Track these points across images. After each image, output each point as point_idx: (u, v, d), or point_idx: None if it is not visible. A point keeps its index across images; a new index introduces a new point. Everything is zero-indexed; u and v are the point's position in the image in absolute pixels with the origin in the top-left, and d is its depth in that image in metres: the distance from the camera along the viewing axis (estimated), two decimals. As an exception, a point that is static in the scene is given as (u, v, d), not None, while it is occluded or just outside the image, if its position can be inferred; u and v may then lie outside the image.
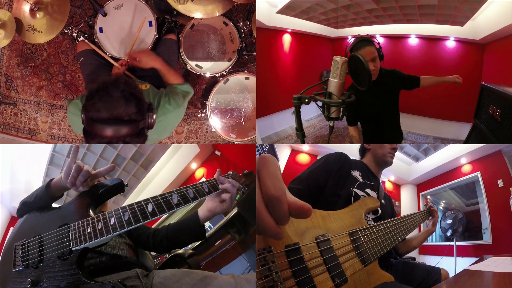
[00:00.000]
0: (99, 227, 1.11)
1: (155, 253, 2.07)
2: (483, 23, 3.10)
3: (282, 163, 3.84)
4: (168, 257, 1.92)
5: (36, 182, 4.46)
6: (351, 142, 2.23)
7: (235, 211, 2.70)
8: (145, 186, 5.34)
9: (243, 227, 2.60)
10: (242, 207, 2.52)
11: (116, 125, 1.40)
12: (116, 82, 1.45)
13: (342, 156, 1.63)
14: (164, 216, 1.85)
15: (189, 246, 2.87)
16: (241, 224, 2.61)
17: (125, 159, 4.67)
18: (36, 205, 1.33)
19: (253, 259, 2.62)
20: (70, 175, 1.21)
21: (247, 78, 2.58)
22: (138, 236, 1.56)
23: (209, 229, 3.13)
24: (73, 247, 1.09)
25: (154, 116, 1.53)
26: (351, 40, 1.91)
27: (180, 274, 1.30)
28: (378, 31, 3.88)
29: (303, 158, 4.09)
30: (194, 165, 4.93)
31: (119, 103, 1.41)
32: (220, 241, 2.82)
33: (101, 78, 1.49)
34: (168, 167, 5.11)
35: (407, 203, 4.69)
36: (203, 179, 2.52)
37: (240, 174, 1.47)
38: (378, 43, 1.88)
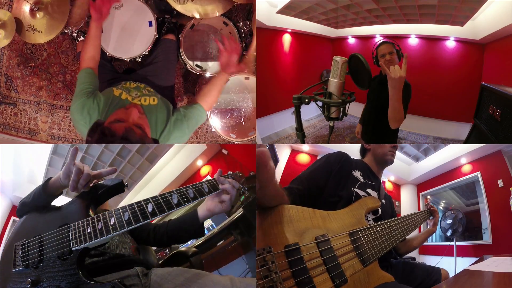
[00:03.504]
0: (99, 227, 1.11)
1: (155, 248, 2.09)
2: (483, 23, 3.10)
3: (282, 163, 3.84)
4: (170, 253, 1.91)
5: (38, 172, 4.42)
6: (351, 142, 2.23)
7: (240, 212, 2.69)
8: (149, 180, 5.30)
9: (246, 229, 2.60)
10: (248, 209, 2.51)
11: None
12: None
13: (343, 156, 1.62)
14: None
15: (191, 243, 2.87)
16: (245, 226, 2.61)
17: (130, 151, 4.63)
18: (34, 203, 1.32)
19: (253, 261, 2.61)
20: (71, 180, 1.20)
21: (247, 78, 2.58)
22: (140, 232, 1.58)
23: (211, 228, 3.12)
24: (73, 247, 1.09)
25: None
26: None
27: (176, 273, 1.30)
28: (378, 31, 3.88)
29: (303, 158, 4.09)
30: (200, 162, 4.90)
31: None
32: (222, 241, 2.82)
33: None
34: (173, 162, 5.06)
35: (407, 203, 4.69)
36: (208, 177, 2.51)
37: (241, 174, 1.47)
38: (398, 45, 2.00)
